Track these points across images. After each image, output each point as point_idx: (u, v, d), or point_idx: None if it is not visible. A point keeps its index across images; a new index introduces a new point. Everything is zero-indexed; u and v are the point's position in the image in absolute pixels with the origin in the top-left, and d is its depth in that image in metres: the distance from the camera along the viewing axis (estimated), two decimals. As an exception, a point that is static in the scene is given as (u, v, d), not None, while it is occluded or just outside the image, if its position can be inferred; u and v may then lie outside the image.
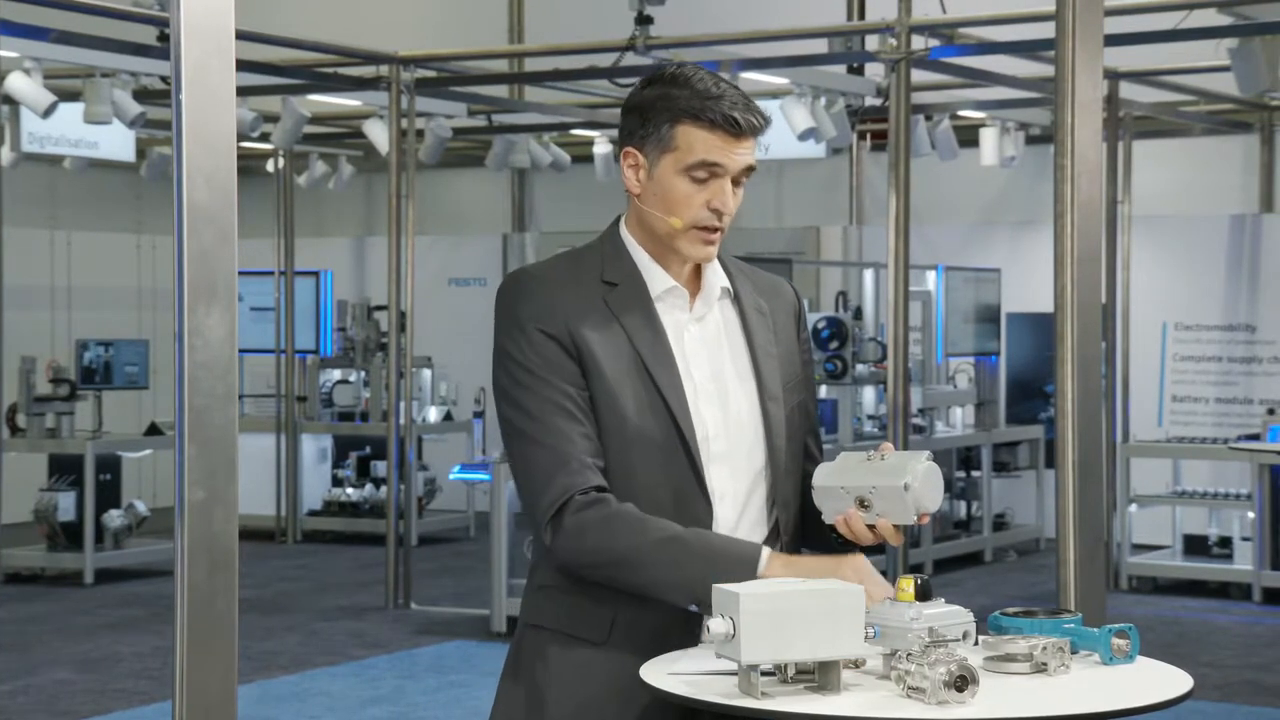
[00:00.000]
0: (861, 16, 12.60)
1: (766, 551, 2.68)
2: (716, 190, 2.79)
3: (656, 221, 2.81)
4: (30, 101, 10.21)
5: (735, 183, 2.82)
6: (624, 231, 2.89)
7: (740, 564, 2.64)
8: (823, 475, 2.75)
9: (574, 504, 2.71)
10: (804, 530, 2.91)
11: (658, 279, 2.84)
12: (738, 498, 2.81)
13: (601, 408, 2.76)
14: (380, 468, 13.28)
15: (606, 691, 2.74)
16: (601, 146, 13.38)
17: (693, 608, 2.67)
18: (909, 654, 2.41)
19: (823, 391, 11.53)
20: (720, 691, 2.42)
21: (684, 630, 2.72)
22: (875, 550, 2.88)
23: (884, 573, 2.73)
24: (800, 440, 2.92)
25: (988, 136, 12.43)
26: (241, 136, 11.72)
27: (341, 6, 15.01)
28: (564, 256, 2.92)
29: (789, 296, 2.99)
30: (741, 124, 2.79)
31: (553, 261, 2.92)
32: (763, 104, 12.22)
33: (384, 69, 10.94)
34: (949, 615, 2.53)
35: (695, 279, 2.88)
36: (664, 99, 2.80)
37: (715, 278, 2.88)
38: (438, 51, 11.44)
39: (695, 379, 2.81)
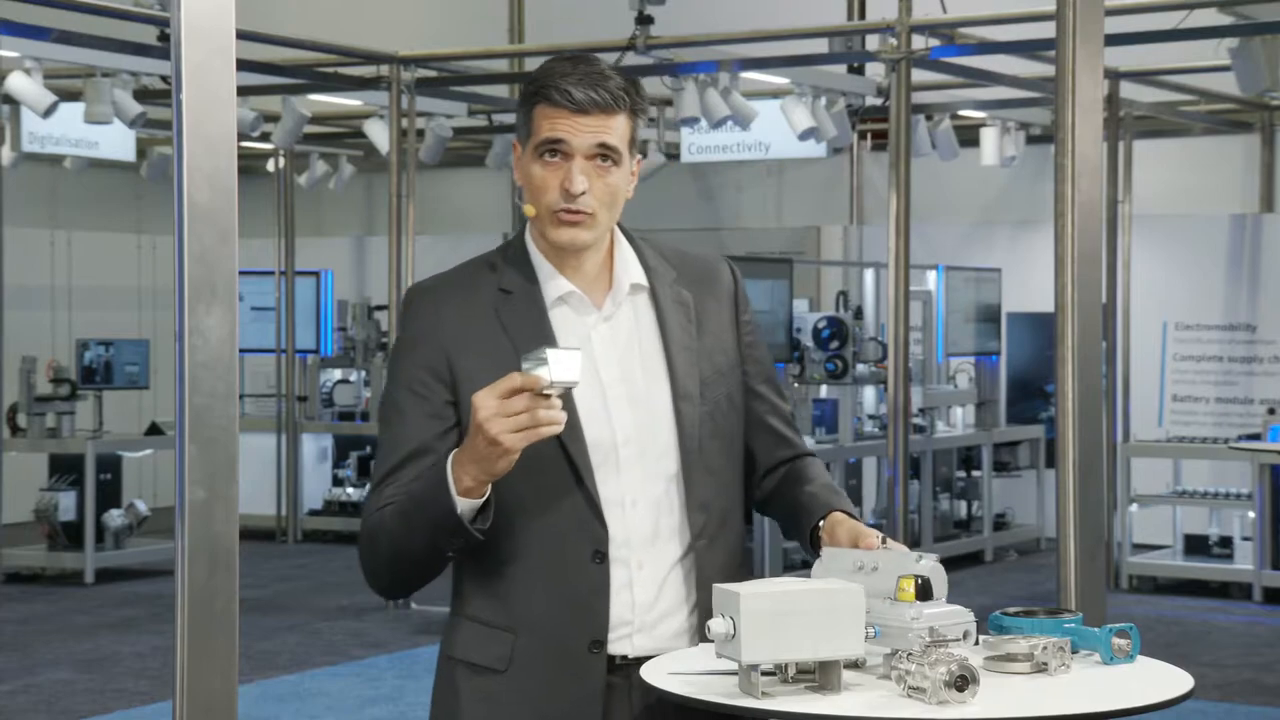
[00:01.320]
0: (862, 16, 12.60)
1: (451, 456, 2.60)
2: (566, 171, 2.68)
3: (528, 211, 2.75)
4: (31, 101, 10.22)
5: (600, 165, 2.69)
6: (528, 236, 2.80)
7: (439, 489, 2.60)
8: None
9: (360, 540, 2.76)
10: (791, 533, 2.87)
11: (553, 285, 2.75)
12: (652, 503, 2.73)
13: None
14: (380, 467, 13.27)
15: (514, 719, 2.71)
16: (602, 146, 13.38)
17: (450, 555, 2.65)
18: (909, 654, 2.41)
19: (823, 391, 11.53)
20: (721, 691, 2.42)
21: (585, 657, 2.68)
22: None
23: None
24: (730, 435, 2.81)
25: (988, 136, 12.43)
26: (242, 136, 11.72)
27: (342, 6, 15.01)
28: (467, 265, 2.84)
29: (724, 279, 2.88)
30: (578, 98, 2.66)
31: (455, 271, 2.84)
32: (763, 104, 12.17)
33: (384, 69, 10.94)
34: (949, 615, 2.52)
35: (607, 277, 2.79)
36: (527, 86, 2.73)
37: (625, 274, 2.78)
38: (438, 51, 11.45)
39: (603, 381, 2.71)
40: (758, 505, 2.94)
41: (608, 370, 2.74)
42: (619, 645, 2.71)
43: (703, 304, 2.83)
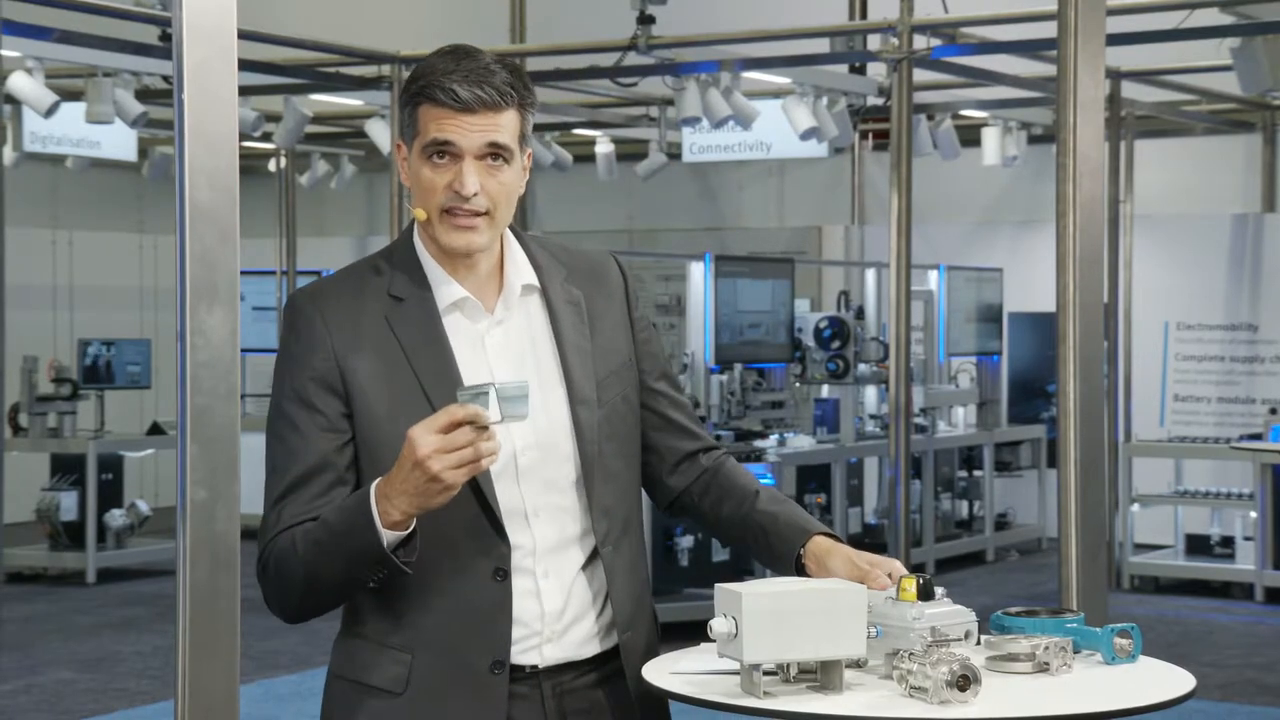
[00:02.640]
0: (863, 16, 12.60)
1: (373, 488, 2.51)
2: (457, 172, 2.59)
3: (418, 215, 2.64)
4: (32, 101, 10.22)
5: (490, 164, 2.61)
6: (416, 239, 2.70)
7: (363, 522, 2.50)
8: None
9: (261, 560, 2.64)
10: (742, 547, 2.83)
11: (445, 291, 2.67)
12: (555, 511, 2.66)
13: (378, 445, 2.60)
14: (382, 467, 13.28)
15: None
16: (603, 146, 13.39)
17: (371, 585, 2.56)
18: (911, 653, 2.41)
19: (825, 391, 11.53)
20: (723, 691, 2.42)
21: (486, 677, 2.61)
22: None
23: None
24: (626, 437, 2.74)
25: (989, 136, 12.42)
26: (243, 136, 11.72)
27: (343, 6, 15.02)
28: (354, 269, 2.75)
29: (614, 277, 2.80)
30: (464, 97, 2.56)
31: (341, 276, 2.75)
32: (765, 103, 12.15)
33: (385, 68, 10.94)
34: (951, 615, 2.52)
35: (498, 279, 2.70)
36: (410, 83, 2.63)
37: (517, 276, 2.70)
38: (439, 51, 11.44)
39: None
40: (673, 505, 2.86)
41: (502, 377, 2.64)
42: (527, 656, 2.64)
43: (593, 302, 2.75)
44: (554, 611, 2.65)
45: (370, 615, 2.67)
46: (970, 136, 12.69)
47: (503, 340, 2.69)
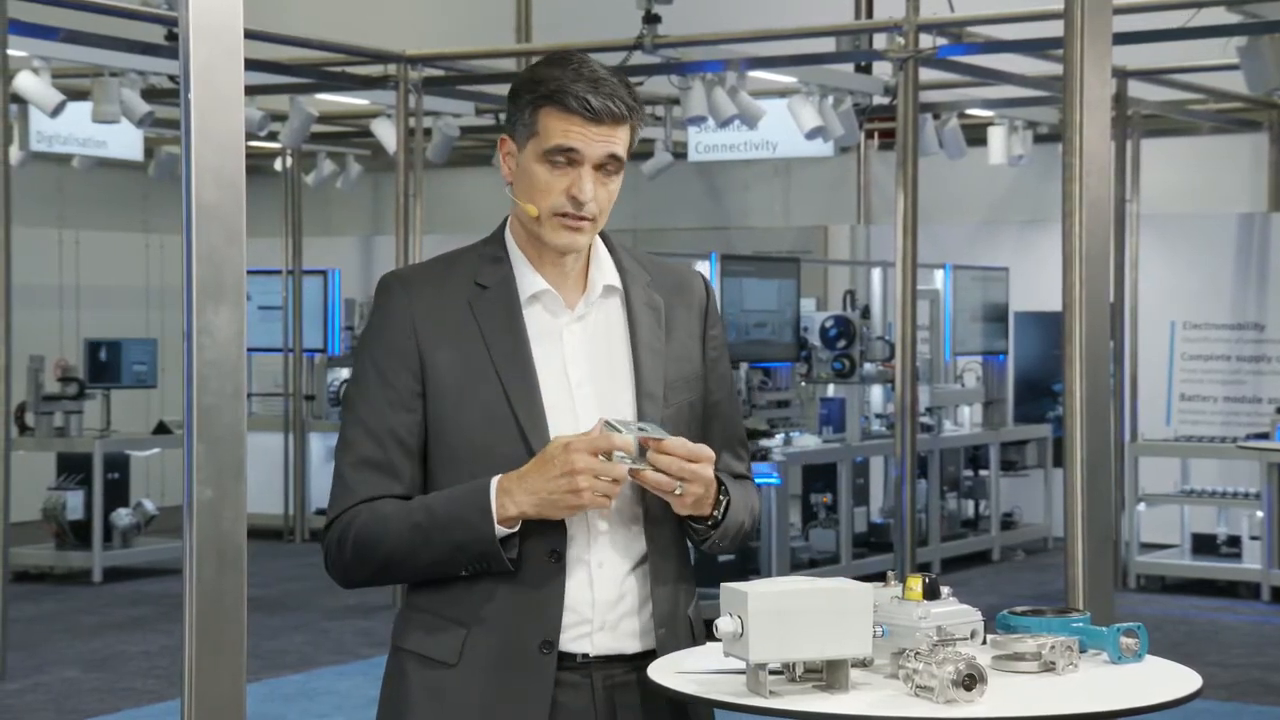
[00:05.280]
0: (869, 15, 12.60)
1: (494, 483, 2.62)
2: (575, 178, 2.68)
3: (521, 210, 2.74)
4: (39, 100, 10.23)
5: (604, 173, 2.70)
6: (507, 232, 2.81)
7: (477, 513, 2.61)
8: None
9: (333, 527, 2.71)
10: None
11: (529, 282, 2.75)
12: (616, 503, 2.68)
13: (447, 423, 2.69)
14: (388, 466, 13.27)
15: (459, 715, 2.68)
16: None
17: (464, 573, 2.65)
18: (917, 653, 2.41)
19: (830, 390, 11.53)
20: (728, 690, 2.42)
21: (536, 656, 2.66)
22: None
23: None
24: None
25: (995, 135, 12.41)
26: (249, 135, 11.73)
27: (349, 6, 15.02)
28: (443, 257, 2.84)
29: (697, 291, 2.86)
30: (596, 108, 2.66)
31: (430, 262, 2.85)
32: (771, 103, 12.13)
33: (391, 68, 10.95)
34: (957, 614, 2.52)
35: (583, 278, 2.78)
36: (531, 84, 2.71)
37: (600, 276, 2.78)
38: (445, 50, 11.45)
39: (571, 380, 2.72)
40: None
41: (576, 370, 2.73)
42: (579, 644, 2.69)
43: (673, 311, 2.82)
44: (607, 601, 2.70)
45: (429, 589, 2.74)
46: (976, 136, 12.68)
47: (581, 335, 2.76)
